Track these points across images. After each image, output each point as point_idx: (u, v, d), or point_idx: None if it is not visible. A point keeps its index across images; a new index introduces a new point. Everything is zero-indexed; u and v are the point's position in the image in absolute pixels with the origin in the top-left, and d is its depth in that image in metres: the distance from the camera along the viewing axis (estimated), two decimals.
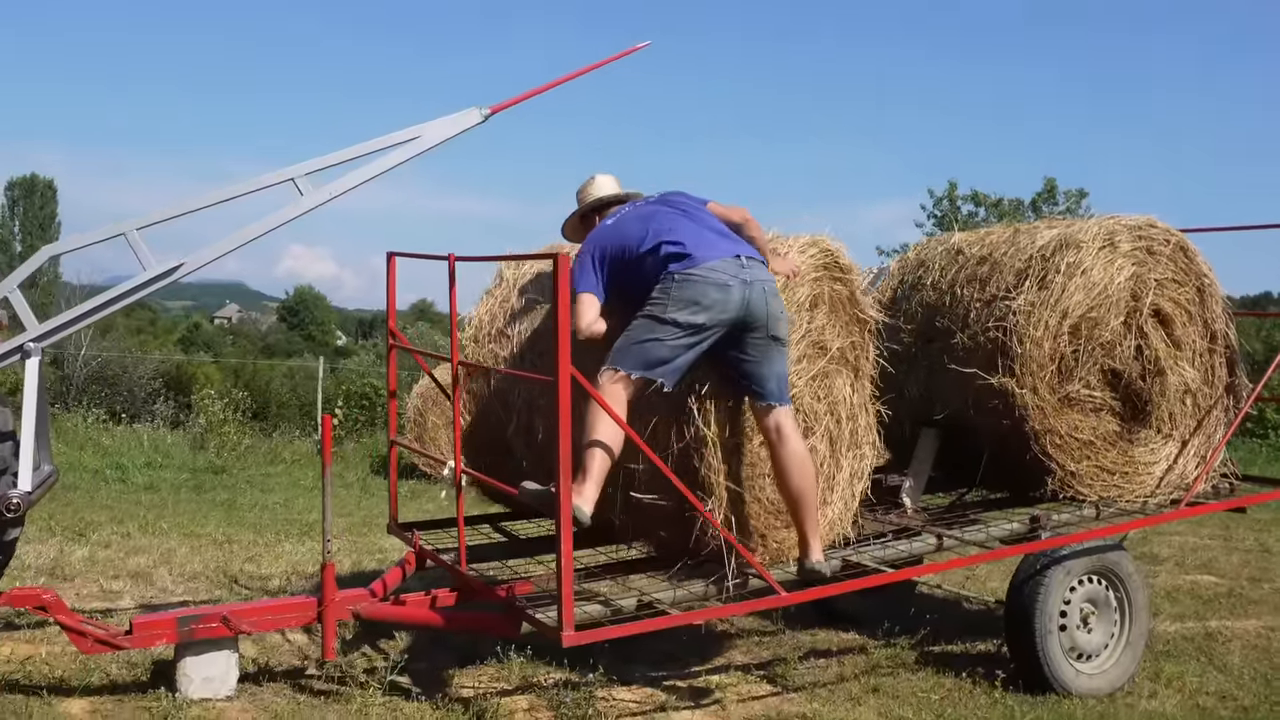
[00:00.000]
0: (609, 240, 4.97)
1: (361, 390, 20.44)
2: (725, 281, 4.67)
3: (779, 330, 4.80)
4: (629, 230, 4.95)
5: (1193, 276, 6.18)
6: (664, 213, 4.99)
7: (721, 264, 4.71)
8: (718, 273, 4.68)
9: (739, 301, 4.67)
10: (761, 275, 4.78)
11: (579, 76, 5.60)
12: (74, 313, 5.00)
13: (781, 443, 4.85)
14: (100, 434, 16.77)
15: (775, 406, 4.84)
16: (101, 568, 7.81)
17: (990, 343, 5.90)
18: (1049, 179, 27.11)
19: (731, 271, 4.70)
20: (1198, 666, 6.19)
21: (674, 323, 4.66)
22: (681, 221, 4.92)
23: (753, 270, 4.75)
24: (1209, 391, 6.31)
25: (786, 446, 4.85)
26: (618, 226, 5.02)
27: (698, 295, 4.66)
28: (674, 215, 4.97)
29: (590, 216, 5.39)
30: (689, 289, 4.68)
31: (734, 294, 4.67)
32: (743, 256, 4.77)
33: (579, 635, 4.55)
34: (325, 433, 5.29)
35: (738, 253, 4.79)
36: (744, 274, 4.71)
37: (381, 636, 6.32)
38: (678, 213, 4.98)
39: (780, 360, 4.85)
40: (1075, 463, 5.90)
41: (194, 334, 57.72)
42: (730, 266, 4.72)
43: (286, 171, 5.13)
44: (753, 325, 4.74)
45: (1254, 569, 8.99)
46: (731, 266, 4.72)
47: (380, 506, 11.65)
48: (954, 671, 5.88)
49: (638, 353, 4.68)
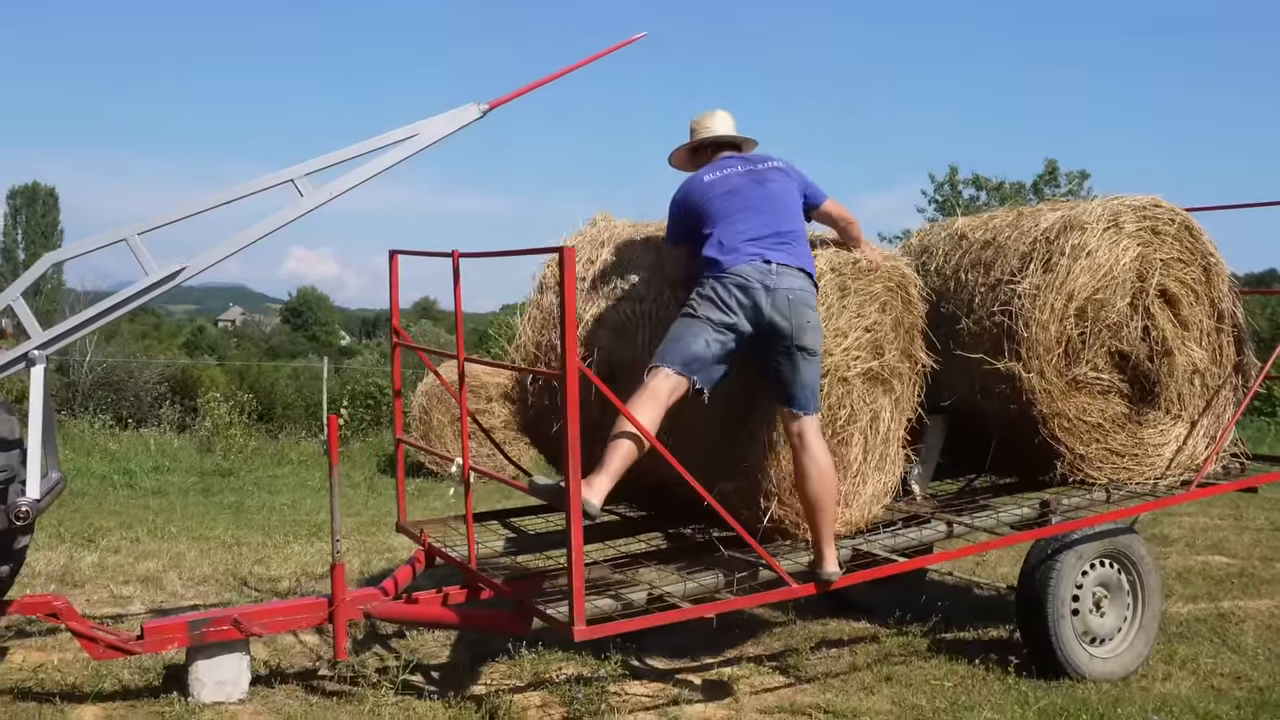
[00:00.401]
0: (694, 201, 5.08)
1: (366, 390, 20.43)
2: (749, 285, 4.78)
3: (805, 340, 4.82)
4: (710, 201, 5.03)
5: (1199, 256, 6.15)
6: (742, 196, 5.01)
7: (748, 269, 4.81)
8: (743, 276, 4.79)
9: (761, 305, 4.77)
10: (791, 284, 4.82)
11: (577, 69, 5.57)
12: (77, 319, 4.98)
13: (804, 449, 4.88)
14: (107, 439, 16.79)
15: (800, 415, 4.87)
16: (111, 573, 7.81)
17: (996, 327, 5.87)
18: (1050, 161, 26.99)
19: (756, 277, 4.79)
20: (1211, 648, 6.17)
21: (706, 319, 4.79)
22: (740, 214, 4.97)
23: (781, 278, 4.81)
24: (1217, 371, 6.28)
25: (808, 454, 4.87)
26: (707, 190, 5.07)
27: (724, 296, 4.80)
28: (744, 203, 5.00)
29: (700, 151, 5.37)
30: (717, 290, 4.82)
31: (757, 297, 4.77)
32: (773, 263, 4.83)
33: (590, 630, 4.53)
34: (331, 433, 5.28)
35: (768, 258, 4.84)
36: (769, 280, 4.79)
37: (392, 636, 6.31)
38: (749, 202, 5.00)
39: (808, 370, 4.86)
40: (1084, 446, 5.87)
41: (198, 337, 57.78)
42: (755, 272, 4.80)
43: (286, 173, 5.11)
44: (777, 333, 4.80)
45: (1265, 548, 8.97)
46: (757, 272, 4.80)
47: (387, 505, 11.66)
48: (967, 658, 5.86)
49: (674, 350, 4.79)
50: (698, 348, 4.76)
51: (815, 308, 4.91)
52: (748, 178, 5.08)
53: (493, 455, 13.04)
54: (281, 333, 76.26)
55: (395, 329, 5.93)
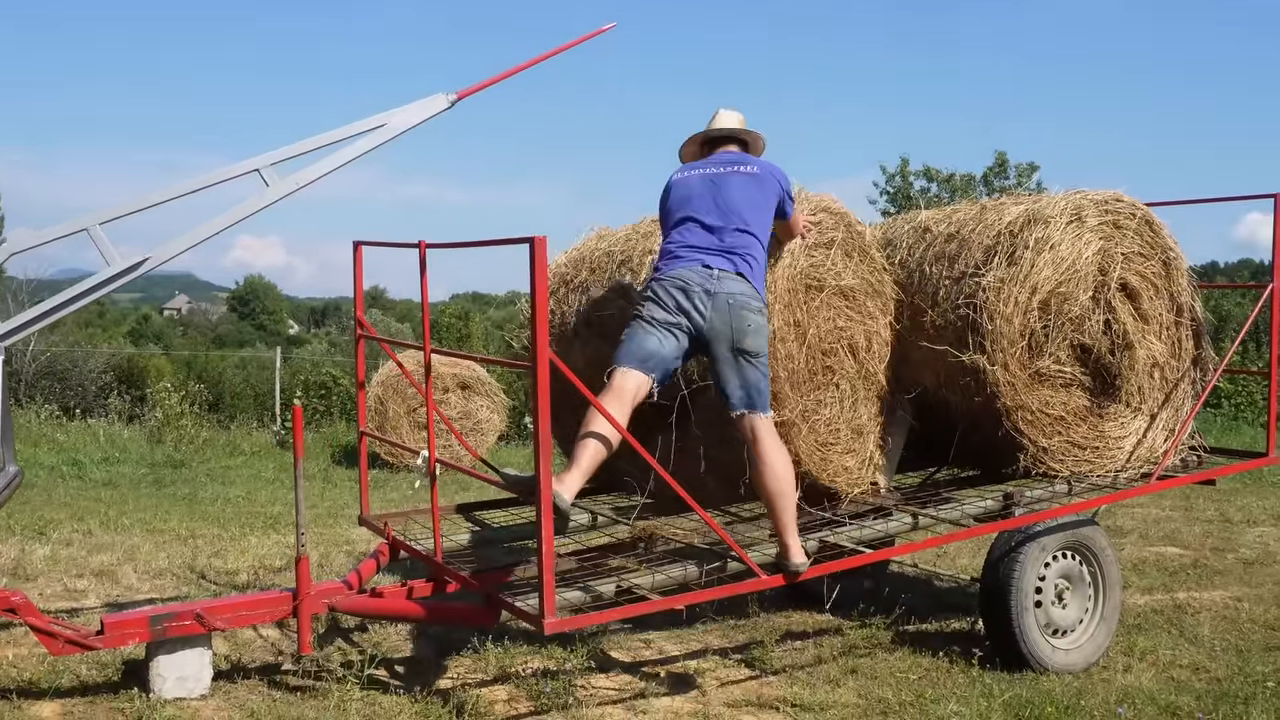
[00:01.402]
0: (663, 199, 5.32)
1: (320, 380, 20.23)
2: (689, 289, 4.92)
3: (745, 344, 4.91)
4: (671, 199, 5.26)
5: (1159, 250, 6.21)
6: (695, 200, 5.16)
7: (687, 273, 4.95)
8: (683, 280, 4.94)
9: (702, 308, 4.90)
10: (731, 288, 4.92)
11: (546, 59, 5.53)
12: (36, 311, 4.87)
13: (757, 446, 4.97)
14: (54, 430, 16.52)
15: (745, 414, 4.96)
16: (64, 566, 7.68)
17: (960, 320, 5.90)
18: (1000, 153, 27.21)
19: (696, 280, 4.93)
20: (1169, 639, 6.24)
21: (651, 319, 4.94)
22: (689, 221, 5.13)
23: (721, 283, 4.93)
24: (1176, 365, 6.34)
25: (759, 448, 4.97)
26: (671, 190, 5.29)
27: (664, 296, 4.95)
28: (695, 208, 5.14)
29: (705, 146, 5.50)
30: (658, 291, 4.98)
31: (696, 300, 4.90)
32: (714, 269, 4.95)
33: (560, 622, 4.52)
34: (296, 423, 5.19)
35: (708, 263, 4.97)
36: (709, 284, 4.92)
37: (355, 630, 6.25)
38: (699, 208, 5.14)
39: (751, 370, 4.94)
40: (1047, 438, 5.92)
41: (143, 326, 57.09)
42: (696, 276, 4.94)
43: (251, 162, 5.02)
44: (717, 336, 4.92)
45: (1216, 539, 9.10)
46: (697, 276, 4.94)
47: (344, 497, 11.55)
48: (930, 651, 5.90)
49: (629, 350, 4.92)
50: (651, 345, 4.90)
51: (759, 311, 5.00)
52: (706, 181, 5.21)
53: (449, 446, 12.96)
54: (228, 321, 75.50)
55: (359, 319, 5.87)
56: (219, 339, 54.33)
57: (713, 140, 5.47)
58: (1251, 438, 15.40)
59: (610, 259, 6.20)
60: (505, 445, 16.29)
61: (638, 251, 6.07)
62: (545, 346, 4.36)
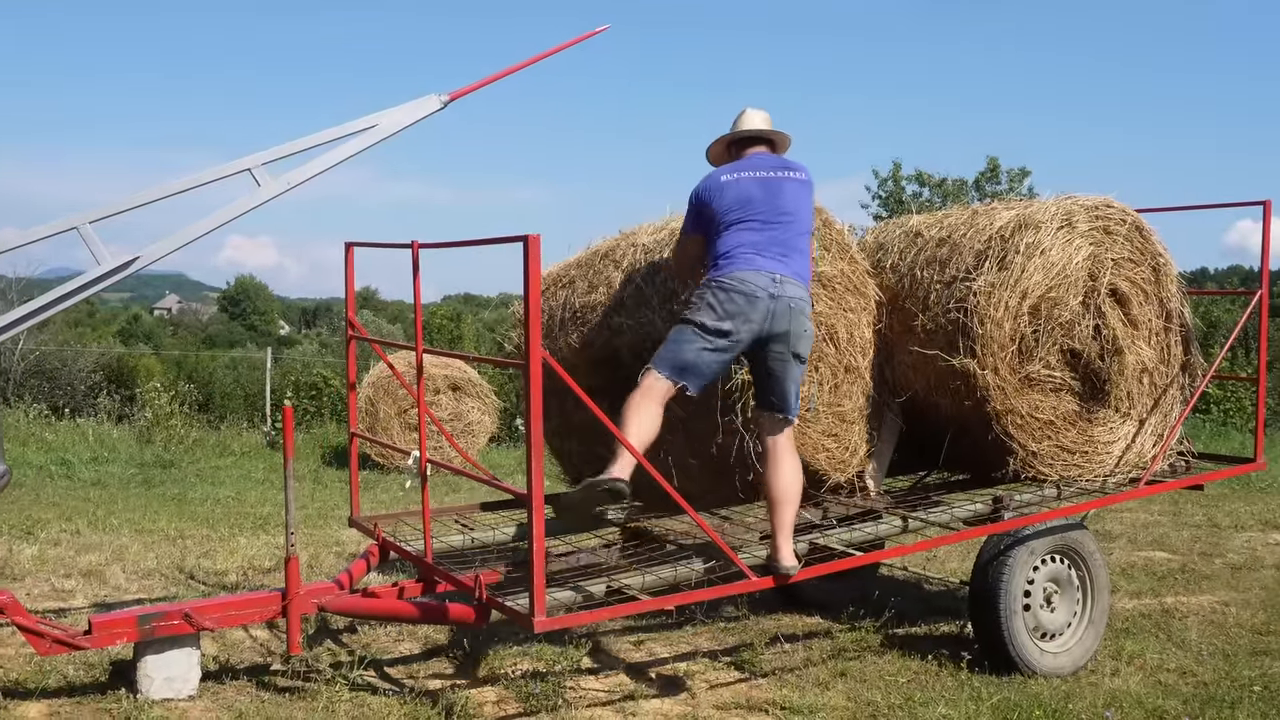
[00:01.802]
0: (709, 199, 5.18)
1: (310, 380, 20.19)
2: (754, 293, 4.92)
3: (800, 348, 5.04)
4: (724, 202, 5.14)
5: (1148, 256, 6.23)
6: (754, 204, 5.11)
7: (754, 276, 4.95)
8: (748, 284, 4.93)
9: (764, 313, 4.93)
10: (793, 293, 4.99)
11: (539, 61, 5.53)
12: (26, 309, 4.84)
13: (775, 445, 5.10)
14: (43, 429, 16.47)
15: (781, 417, 5.09)
16: (52, 566, 7.66)
17: (951, 324, 5.91)
18: (991, 158, 27.28)
19: (762, 284, 4.94)
20: (1157, 643, 6.25)
21: (702, 327, 4.93)
22: (749, 223, 5.09)
23: (784, 286, 4.97)
24: (1165, 370, 6.37)
25: (778, 449, 5.09)
26: (722, 190, 5.16)
27: (724, 302, 4.92)
28: (755, 211, 5.10)
29: (734, 147, 5.47)
30: (719, 295, 4.94)
31: (760, 306, 4.92)
32: (778, 275, 4.98)
33: (551, 621, 4.53)
34: (287, 424, 5.19)
35: (772, 269, 4.99)
36: (774, 288, 4.94)
37: (344, 630, 6.25)
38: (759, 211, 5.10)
39: (796, 373, 5.08)
40: (1036, 443, 5.94)
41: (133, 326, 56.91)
42: (762, 279, 4.95)
43: (243, 162, 5.01)
44: (776, 339, 4.99)
45: (1204, 544, 9.12)
46: (763, 279, 4.95)
47: (334, 498, 11.54)
48: (920, 654, 5.91)
49: (668, 356, 4.97)
50: (690, 356, 4.93)
51: (810, 317, 5.12)
52: (763, 185, 5.17)
53: (440, 447, 12.95)
54: (219, 321, 75.32)
55: (350, 321, 5.86)
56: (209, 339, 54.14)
57: (741, 140, 5.45)
58: (1240, 443, 15.47)
59: (595, 254, 6.26)
60: (496, 447, 16.28)
61: (623, 245, 6.16)
62: (538, 345, 4.36)
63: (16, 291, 22.23)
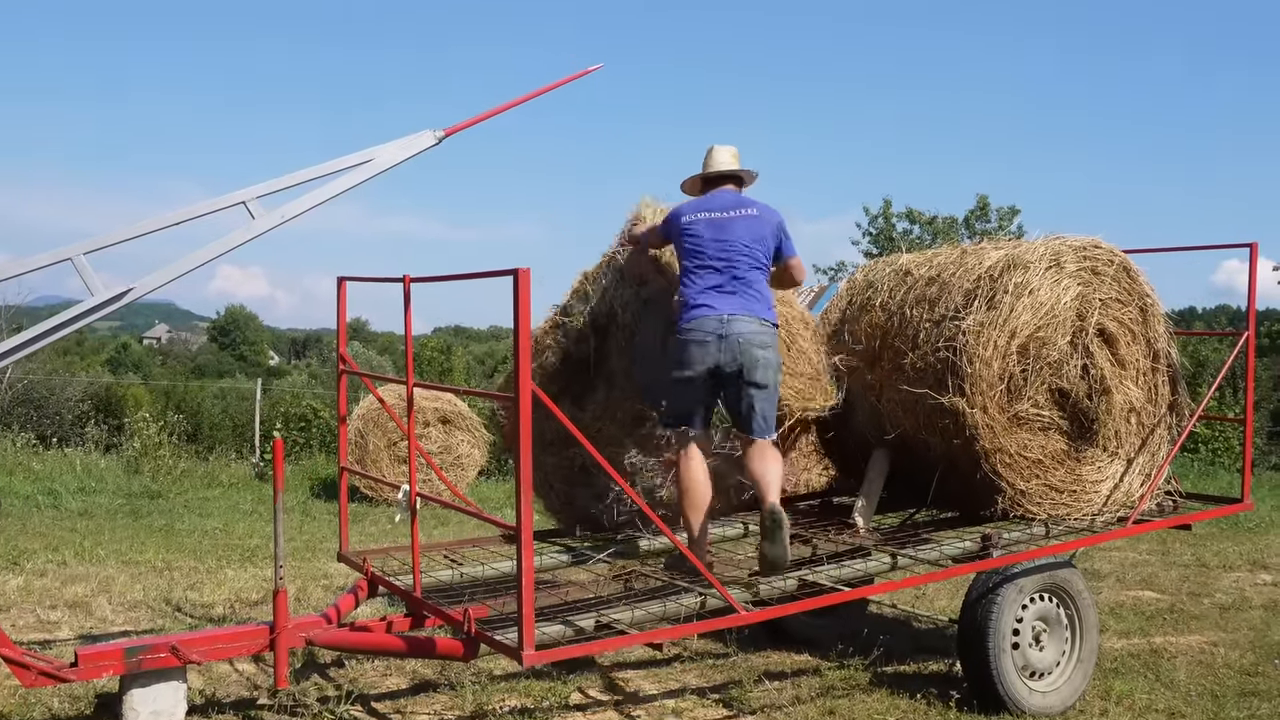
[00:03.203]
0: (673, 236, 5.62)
1: (300, 412, 20.15)
2: (703, 339, 5.34)
3: (754, 376, 5.36)
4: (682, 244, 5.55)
5: (1136, 296, 6.28)
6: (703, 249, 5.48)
7: (702, 322, 5.37)
8: (696, 332, 5.36)
9: (713, 352, 5.33)
10: (740, 329, 5.34)
11: (533, 98, 5.57)
12: (19, 339, 4.82)
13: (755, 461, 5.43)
14: (30, 458, 16.40)
15: (754, 440, 5.43)
16: (38, 597, 7.63)
17: (940, 363, 5.95)
18: (981, 196, 27.42)
19: (710, 328, 5.34)
20: (1145, 683, 6.25)
21: (679, 379, 5.45)
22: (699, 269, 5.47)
23: (732, 325, 5.34)
24: (1153, 410, 6.40)
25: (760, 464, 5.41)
26: (681, 231, 5.55)
27: (683, 352, 5.40)
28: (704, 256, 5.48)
29: (706, 183, 5.80)
30: (679, 348, 5.42)
31: (709, 347, 5.33)
32: (725, 315, 5.35)
33: (539, 655, 4.52)
34: (277, 456, 5.18)
35: (718, 308, 5.37)
36: (721, 329, 5.33)
37: (331, 665, 6.22)
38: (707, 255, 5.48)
39: (760, 401, 5.40)
40: (1025, 481, 5.96)
41: (122, 355, 56.61)
42: (710, 324, 5.35)
43: (237, 195, 5.02)
44: (730, 372, 5.35)
45: (1193, 584, 9.13)
46: (711, 324, 5.35)
47: (322, 531, 11.50)
48: (908, 692, 5.90)
49: (675, 414, 5.55)
50: (685, 406, 5.49)
51: (768, 345, 5.41)
52: (712, 226, 5.51)
53: (429, 480, 12.93)
54: (208, 351, 75.09)
55: (342, 355, 5.87)
56: (198, 369, 53.93)
57: (709, 178, 5.75)
58: (1228, 483, 15.50)
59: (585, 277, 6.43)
60: (486, 480, 16.26)
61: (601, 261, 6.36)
62: (528, 378, 4.37)
63: (6, 320, 22.18)
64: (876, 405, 6.41)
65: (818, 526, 6.40)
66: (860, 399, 6.51)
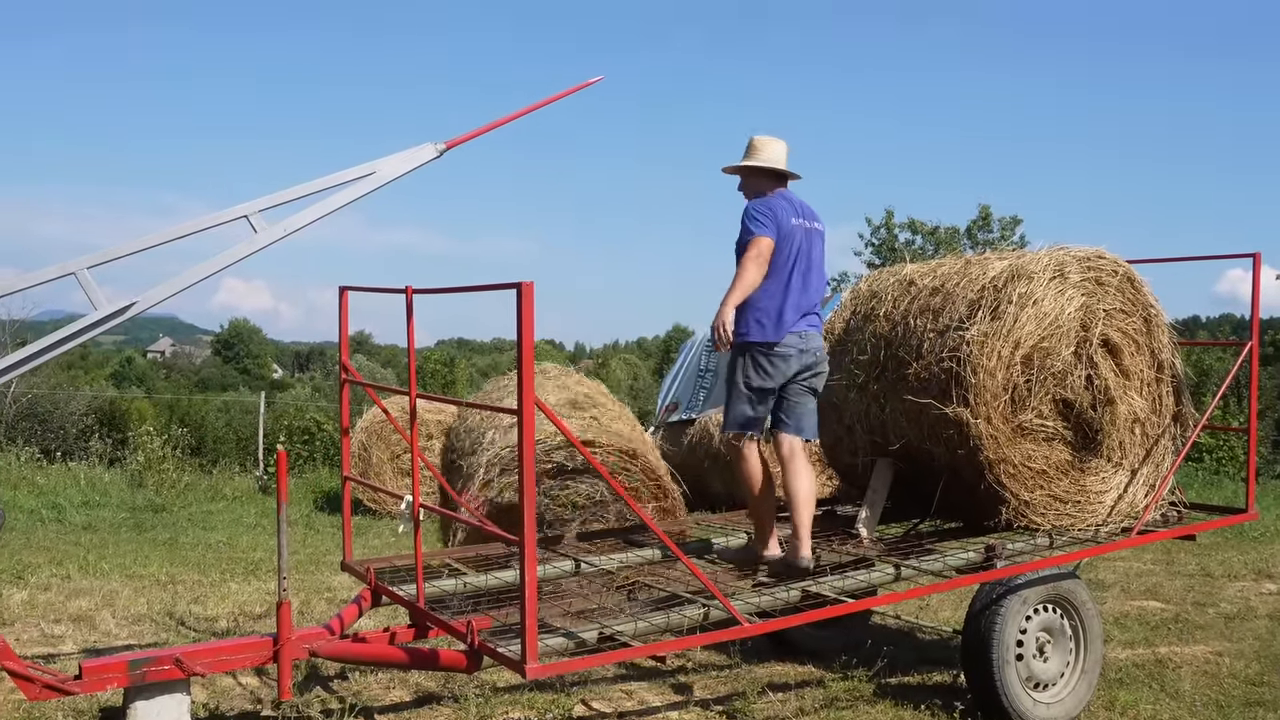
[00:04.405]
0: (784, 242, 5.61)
1: (304, 425, 20.16)
2: (787, 354, 5.61)
3: (815, 384, 5.76)
4: (786, 247, 5.61)
5: (1140, 307, 6.28)
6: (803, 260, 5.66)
7: (789, 340, 5.61)
8: (785, 347, 5.60)
9: (795, 365, 5.64)
10: (815, 344, 5.70)
11: (535, 110, 5.58)
12: (22, 354, 4.84)
13: (792, 460, 5.68)
14: (34, 473, 16.42)
15: (793, 438, 5.73)
16: (42, 611, 7.63)
17: (944, 373, 5.94)
18: (983, 206, 27.49)
19: (794, 344, 5.61)
20: (1150, 694, 6.24)
21: (749, 387, 5.65)
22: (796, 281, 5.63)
23: (808, 340, 5.66)
24: (1157, 420, 6.39)
25: (795, 464, 5.68)
26: (790, 233, 5.63)
27: (769, 368, 5.62)
28: (802, 268, 5.66)
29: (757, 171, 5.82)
30: (763, 362, 5.62)
31: (792, 363, 5.63)
32: (804, 331, 5.64)
33: (543, 668, 4.51)
34: (280, 468, 5.18)
35: (804, 331, 5.64)
36: (801, 343, 5.63)
37: (334, 677, 6.21)
38: (805, 269, 5.67)
39: (813, 405, 5.78)
40: (1029, 492, 5.95)
41: (126, 369, 56.69)
42: (794, 340, 5.61)
43: (240, 208, 5.03)
44: (800, 378, 5.68)
45: (1198, 594, 9.11)
46: (794, 340, 5.62)
47: (326, 544, 11.50)
48: (912, 703, 5.89)
49: (732, 419, 5.72)
50: (749, 412, 5.68)
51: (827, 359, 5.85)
52: (810, 240, 5.72)
53: (432, 492, 12.92)
54: (212, 365, 75.15)
55: (344, 365, 5.87)
56: (202, 382, 53.99)
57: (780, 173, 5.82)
58: (1233, 492, 15.45)
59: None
60: None
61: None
62: (531, 391, 4.37)
63: (10, 334, 22.20)
64: (880, 415, 6.41)
65: (821, 537, 6.38)
66: (864, 409, 6.51)
